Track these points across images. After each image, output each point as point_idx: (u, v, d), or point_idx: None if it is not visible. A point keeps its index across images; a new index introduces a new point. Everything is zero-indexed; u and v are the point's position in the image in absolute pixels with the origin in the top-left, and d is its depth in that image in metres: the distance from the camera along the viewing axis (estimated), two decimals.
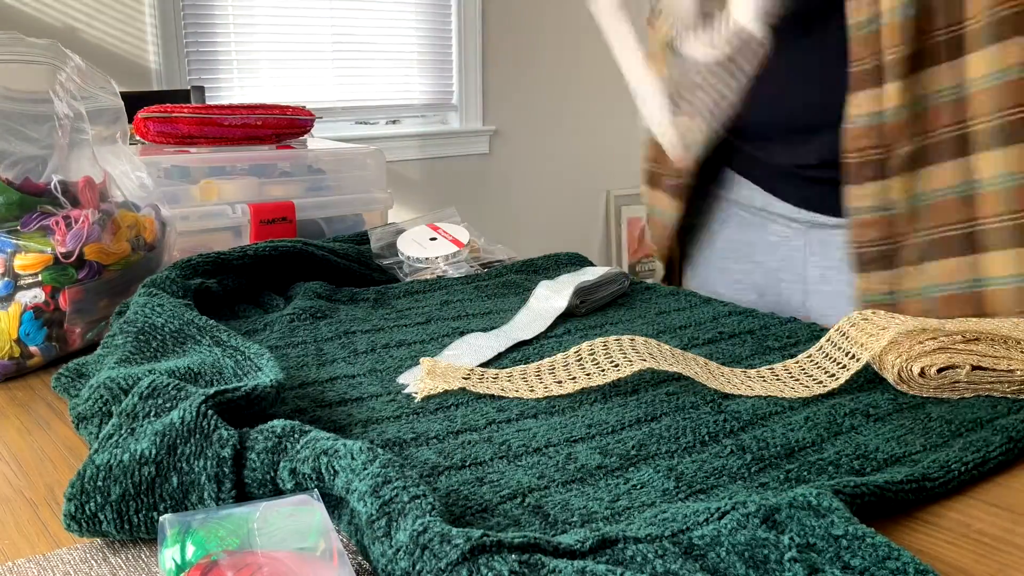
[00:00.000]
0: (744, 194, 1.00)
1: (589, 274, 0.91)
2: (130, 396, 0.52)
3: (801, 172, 0.92)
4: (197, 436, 0.48)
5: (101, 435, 0.50)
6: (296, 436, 0.49)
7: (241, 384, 0.54)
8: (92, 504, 0.46)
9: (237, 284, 0.89)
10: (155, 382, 0.53)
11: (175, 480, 0.47)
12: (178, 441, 0.48)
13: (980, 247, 0.80)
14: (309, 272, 0.94)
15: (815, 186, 0.92)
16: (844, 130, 0.83)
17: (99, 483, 0.46)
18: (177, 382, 0.53)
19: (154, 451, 0.47)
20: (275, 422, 0.50)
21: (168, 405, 0.51)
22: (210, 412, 0.50)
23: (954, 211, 0.80)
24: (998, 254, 0.79)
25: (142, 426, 0.50)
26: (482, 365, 0.72)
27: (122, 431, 0.50)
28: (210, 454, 0.48)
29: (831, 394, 0.65)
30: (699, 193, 1.01)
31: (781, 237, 0.96)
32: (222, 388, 0.53)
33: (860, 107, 0.81)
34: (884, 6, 0.78)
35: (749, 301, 1.00)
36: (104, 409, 0.56)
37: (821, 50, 0.85)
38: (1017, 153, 0.77)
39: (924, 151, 0.81)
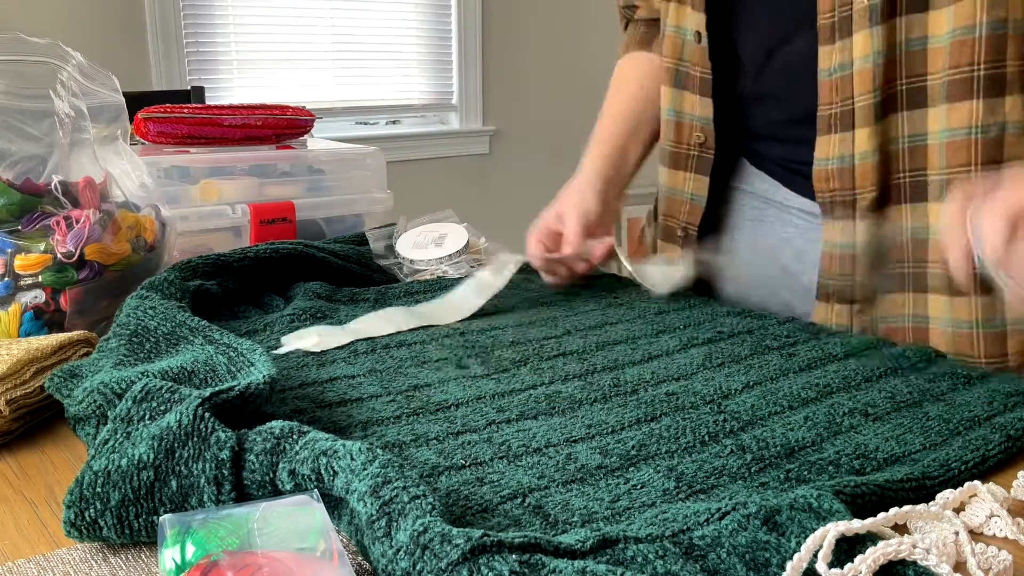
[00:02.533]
0: (760, 187, 1.00)
1: (502, 278, 0.92)
2: (124, 400, 0.52)
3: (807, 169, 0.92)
4: (195, 439, 0.48)
5: (97, 441, 0.50)
6: (295, 437, 0.49)
7: (235, 383, 0.54)
8: (92, 510, 0.46)
9: (237, 286, 0.89)
10: (148, 385, 0.53)
11: (174, 484, 0.47)
12: (176, 445, 0.48)
13: (926, 288, 0.83)
14: (309, 273, 0.94)
15: None
16: (814, 172, 0.86)
17: (98, 489, 0.46)
18: (171, 384, 0.53)
19: (152, 455, 0.47)
20: (274, 423, 0.50)
21: (163, 408, 0.51)
22: (207, 415, 0.50)
23: (911, 251, 0.84)
24: (938, 297, 0.82)
25: (137, 430, 0.50)
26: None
27: (118, 436, 0.49)
28: (208, 457, 0.48)
29: (830, 393, 0.65)
30: (716, 184, 1.01)
31: (797, 229, 0.96)
32: (217, 389, 0.53)
33: (829, 150, 0.85)
34: (856, 53, 0.81)
35: (761, 296, 0.99)
36: (99, 412, 0.56)
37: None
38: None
39: (888, 193, 0.84)
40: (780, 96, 0.92)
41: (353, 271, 0.97)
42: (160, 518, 0.43)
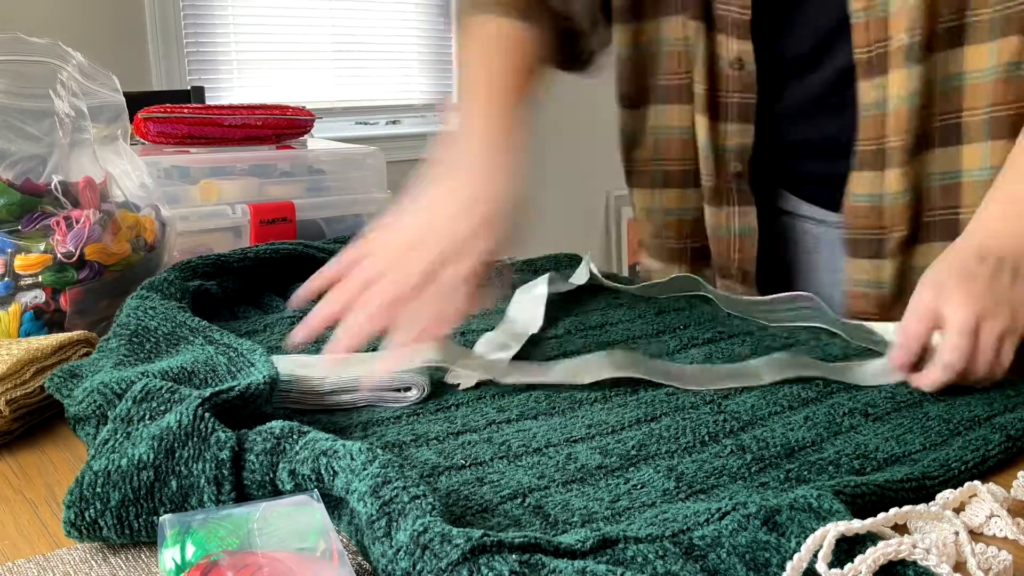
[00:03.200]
0: (807, 209, 0.96)
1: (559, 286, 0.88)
2: (124, 400, 0.52)
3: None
4: (195, 439, 0.48)
5: (97, 441, 0.50)
6: (295, 437, 0.49)
7: (235, 383, 0.54)
8: (92, 511, 0.46)
9: (237, 286, 0.89)
10: (148, 385, 0.53)
11: (174, 484, 0.47)
12: (176, 445, 0.48)
13: None
14: (309, 273, 0.94)
15: None
16: (845, 206, 0.84)
17: (98, 489, 0.46)
18: (171, 384, 0.53)
19: (152, 455, 0.47)
20: (273, 423, 0.50)
21: (163, 408, 0.51)
22: (207, 415, 0.50)
23: None
24: None
25: (137, 430, 0.50)
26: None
27: (118, 436, 0.49)
28: (208, 457, 0.48)
29: (830, 393, 0.65)
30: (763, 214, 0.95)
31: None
32: (217, 389, 0.53)
33: (862, 187, 0.83)
34: (892, 91, 0.78)
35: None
36: (99, 412, 0.56)
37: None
38: None
39: (917, 232, 0.83)
40: (820, 116, 0.88)
41: None
42: (160, 518, 0.43)
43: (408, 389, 0.64)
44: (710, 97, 0.88)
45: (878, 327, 0.77)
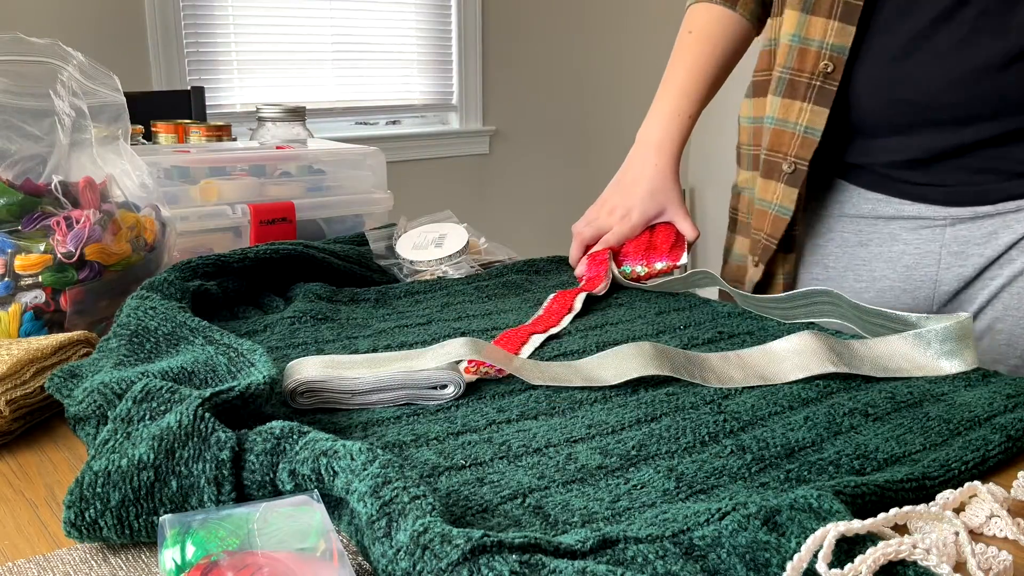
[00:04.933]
0: (864, 207, 0.97)
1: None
2: (124, 400, 0.52)
3: (955, 161, 0.89)
4: (195, 439, 0.48)
5: (97, 441, 0.50)
6: (295, 437, 0.49)
7: (235, 384, 0.54)
8: (92, 511, 0.46)
9: (237, 286, 0.89)
10: (148, 385, 0.53)
11: (174, 484, 0.47)
12: (176, 445, 0.48)
13: None
14: (309, 273, 0.94)
15: (970, 174, 0.90)
16: None
17: (98, 489, 0.46)
18: (171, 384, 0.53)
19: (152, 456, 0.47)
20: (273, 423, 0.50)
21: (163, 408, 0.51)
22: (207, 415, 0.50)
23: None
24: None
25: (137, 430, 0.50)
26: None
27: (118, 436, 0.49)
28: (208, 457, 0.48)
29: (830, 394, 0.65)
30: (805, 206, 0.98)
31: (908, 245, 0.94)
32: (217, 389, 0.53)
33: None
34: None
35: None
36: (99, 412, 0.56)
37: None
38: None
39: None
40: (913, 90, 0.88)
41: (353, 272, 0.97)
42: (160, 518, 0.43)
43: (445, 387, 0.64)
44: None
45: (899, 314, 0.77)
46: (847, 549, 0.42)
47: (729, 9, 1.04)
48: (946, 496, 0.49)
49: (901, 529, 0.47)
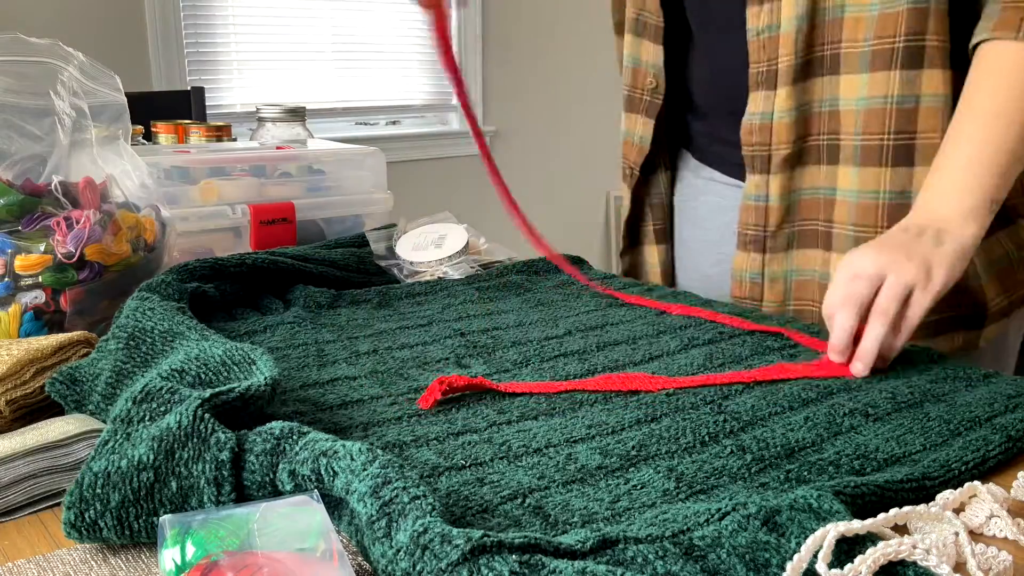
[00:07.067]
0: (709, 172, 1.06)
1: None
2: (123, 401, 0.52)
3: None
4: (195, 440, 0.48)
5: (97, 442, 0.50)
6: (295, 438, 0.49)
7: (235, 385, 0.54)
8: (92, 512, 0.46)
9: (235, 289, 0.89)
10: (148, 386, 0.52)
11: (174, 485, 0.47)
12: (176, 446, 0.48)
13: (832, 247, 0.91)
14: (309, 275, 0.94)
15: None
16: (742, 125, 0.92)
17: (98, 490, 0.46)
18: (171, 385, 0.53)
19: (152, 456, 0.47)
20: (273, 424, 0.50)
21: (162, 408, 0.51)
22: (207, 416, 0.50)
23: (819, 210, 0.91)
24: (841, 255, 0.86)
25: (137, 431, 0.50)
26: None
27: (117, 437, 0.49)
28: (208, 458, 0.48)
29: (830, 394, 0.65)
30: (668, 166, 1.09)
31: (725, 200, 1.02)
32: (217, 391, 0.52)
33: (755, 105, 0.90)
34: (783, 15, 0.86)
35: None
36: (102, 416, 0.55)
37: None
38: (868, 174, 0.86)
39: (801, 154, 0.90)
40: (713, 55, 0.97)
41: (353, 280, 0.97)
42: (160, 518, 0.43)
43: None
44: (635, 17, 1.05)
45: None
46: (847, 549, 0.42)
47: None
48: (946, 496, 0.49)
49: (901, 529, 0.47)
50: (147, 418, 0.51)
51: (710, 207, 1.06)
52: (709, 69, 0.98)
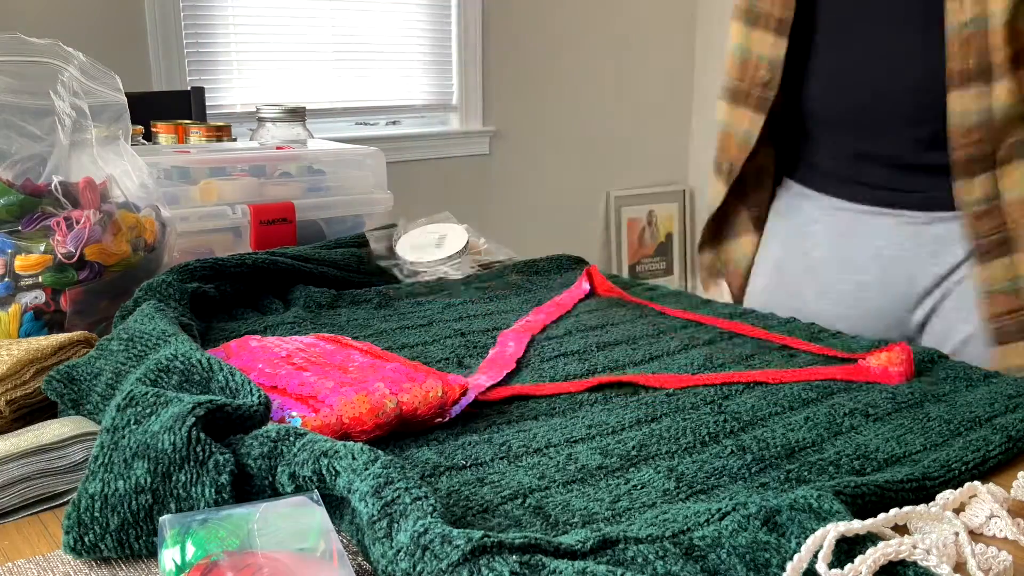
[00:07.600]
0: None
1: None
2: (108, 411, 0.50)
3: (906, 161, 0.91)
4: (191, 463, 0.47)
5: (89, 460, 0.48)
6: (292, 439, 0.49)
7: (229, 401, 0.51)
8: (91, 535, 0.45)
9: (235, 289, 0.89)
10: (132, 392, 0.51)
11: (173, 507, 0.46)
12: (172, 469, 0.47)
13: None
14: (309, 276, 0.94)
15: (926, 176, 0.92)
16: (949, 127, 0.85)
17: (96, 513, 0.45)
18: (155, 390, 0.51)
19: (149, 479, 0.46)
20: (269, 426, 0.50)
21: (148, 411, 0.50)
22: (202, 436, 0.48)
23: None
24: None
25: (123, 436, 0.48)
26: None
27: (105, 449, 0.48)
28: (207, 481, 0.47)
29: (830, 394, 0.65)
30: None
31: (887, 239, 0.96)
32: (208, 404, 0.50)
33: (967, 104, 0.84)
34: (992, 6, 0.81)
35: (838, 313, 0.98)
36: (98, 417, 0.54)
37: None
38: None
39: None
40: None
41: (352, 281, 0.97)
42: (160, 519, 0.43)
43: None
44: (747, 6, 0.99)
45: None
46: (847, 549, 0.42)
47: None
48: (946, 496, 0.49)
49: (901, 529, 0.47)
50: (132, 423, 0.49)
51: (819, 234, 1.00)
52: (867, 73, 0.92)
